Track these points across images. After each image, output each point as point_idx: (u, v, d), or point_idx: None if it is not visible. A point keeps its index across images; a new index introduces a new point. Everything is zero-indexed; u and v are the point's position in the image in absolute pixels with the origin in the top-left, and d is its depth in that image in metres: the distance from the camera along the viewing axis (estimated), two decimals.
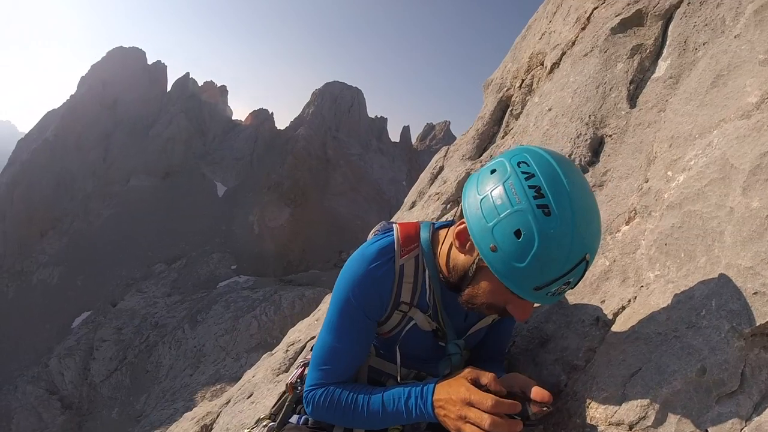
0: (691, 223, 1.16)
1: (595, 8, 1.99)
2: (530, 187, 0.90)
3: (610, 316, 1.31)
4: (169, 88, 49.27)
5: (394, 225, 1.28)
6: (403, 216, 3.55)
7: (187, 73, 49.74)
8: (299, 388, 1.44)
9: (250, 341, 19.76)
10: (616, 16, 1.82)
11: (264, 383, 3.07)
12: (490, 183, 0.96)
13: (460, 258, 1.09)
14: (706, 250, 1.09)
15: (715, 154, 1.17)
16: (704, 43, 1.41)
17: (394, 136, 56.11)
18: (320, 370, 1.23)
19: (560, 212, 0.88)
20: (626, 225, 1.49)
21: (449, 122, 59.51)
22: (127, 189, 39.94)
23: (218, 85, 51.53)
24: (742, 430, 0.85)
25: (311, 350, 1.46)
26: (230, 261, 33.15)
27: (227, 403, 3.38)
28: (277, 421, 1.39)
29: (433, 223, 1.29)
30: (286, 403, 1.43)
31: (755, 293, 0.92)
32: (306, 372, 1.41)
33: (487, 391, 1.02)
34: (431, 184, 3.46)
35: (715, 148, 1.18)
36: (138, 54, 49.85)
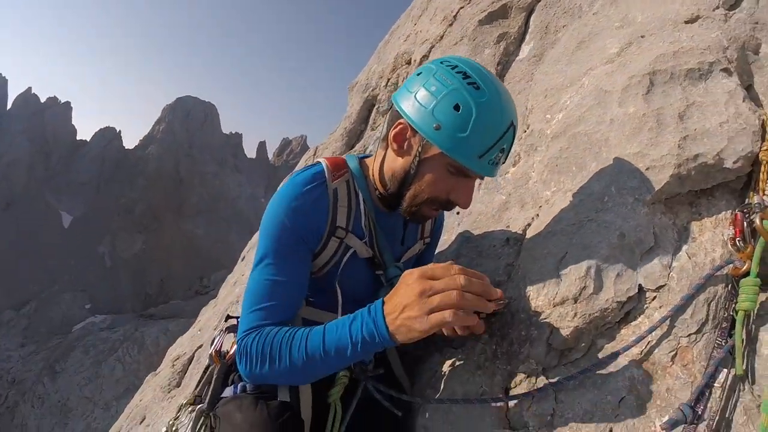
0: (578, 141, 1.37)
1: (461, 7, 2.32)
2: (457, 72, 1.04)
3: (519, 233, 1.42)
4: (9, 106, 40.99)
5: (319, 159, 1.26)
6: None
7: (30, 88, 41.78)
8: (226, 357, 1.25)
9: (117, 387, 17.93)
10: (482, 12, 2.15)
11: (155, 403, 2.68)
12: (419, 80, 1.08)
13: (398, 162, 1.14)
14: (595, 156, 1.30)
15: (588, 89, 1.44)
16: (564, 26, 1.77)
17: (250, 152, 54.02)
18: (257, 311, 1.07)
19: (486, 86, 1.03)
20: (513, 167, 1.68)
21: (306, 136, 60.33)
22: None
23: (62, 102, 43.55)
24: (669, 274, 1.00)
25: (212, 342, 1.32)
26: (83, 300, 30.01)
27: None
28: (206, 401, 1.12)
29: (357, 155, 1.33)
30: (214, 377, 1.20)
31: (647, 168, 1.13)
32: (224, 343, 1.30)
33: None
34: None
35: (588, 86, 1.46)
36: None
